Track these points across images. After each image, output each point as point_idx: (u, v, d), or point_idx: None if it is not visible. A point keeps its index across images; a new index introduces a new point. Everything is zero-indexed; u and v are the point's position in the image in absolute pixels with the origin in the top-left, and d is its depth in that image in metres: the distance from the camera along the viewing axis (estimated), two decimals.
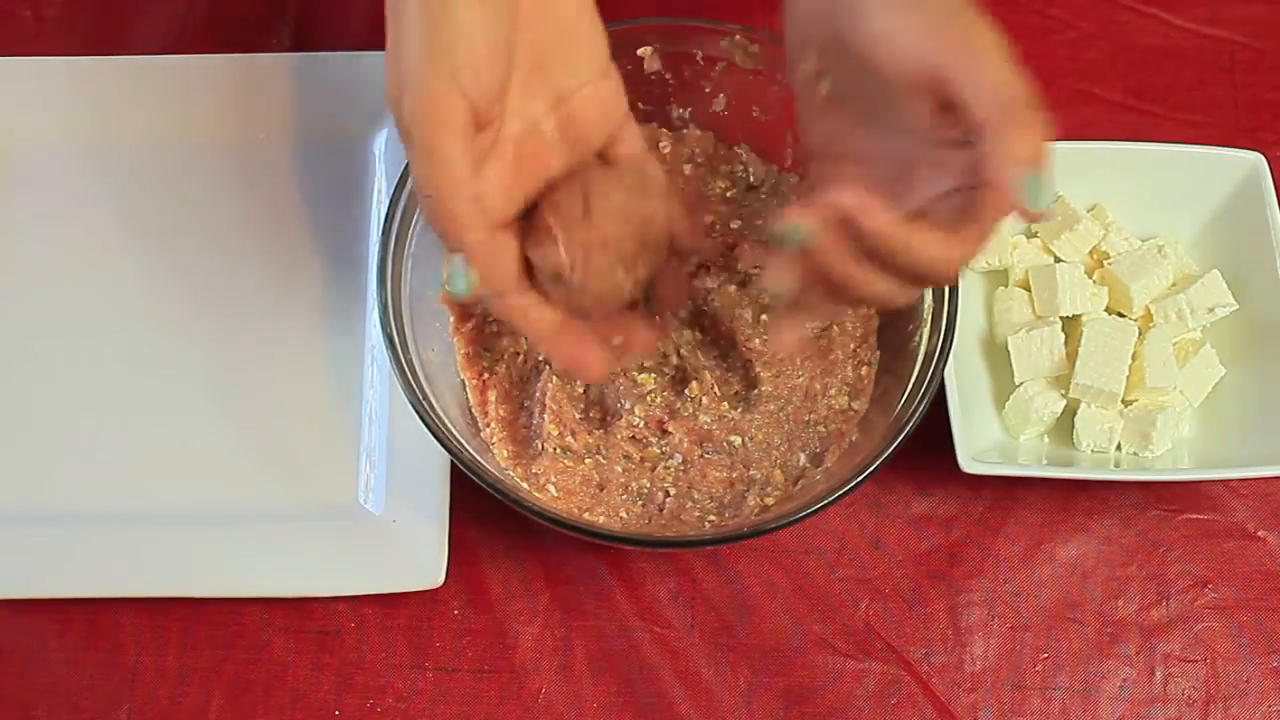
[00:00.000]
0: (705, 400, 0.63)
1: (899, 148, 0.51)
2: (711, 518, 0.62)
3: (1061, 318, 0.67)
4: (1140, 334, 0.67)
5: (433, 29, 0.47)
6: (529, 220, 0.53)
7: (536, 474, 0.62)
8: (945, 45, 0.47)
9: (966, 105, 0.47)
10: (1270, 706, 0.64)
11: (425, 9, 0.47)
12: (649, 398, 0.63)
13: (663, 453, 0.63)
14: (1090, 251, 0.70)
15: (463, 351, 0.65)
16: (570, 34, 0.53)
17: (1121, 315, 0.69)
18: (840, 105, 0.53)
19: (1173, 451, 0.66)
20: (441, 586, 0.63)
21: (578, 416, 0.63)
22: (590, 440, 0.63)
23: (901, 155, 0.51)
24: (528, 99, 0.52)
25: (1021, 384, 0.67)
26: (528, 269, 0.53)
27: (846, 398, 0.64)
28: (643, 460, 0.63)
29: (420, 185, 0.48)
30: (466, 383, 0.65)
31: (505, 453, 0.63)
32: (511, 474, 0.62)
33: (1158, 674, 0.64)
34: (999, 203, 0.47)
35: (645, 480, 0.63)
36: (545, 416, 0.63)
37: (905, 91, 0.49)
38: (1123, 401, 0.66)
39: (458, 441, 0.58)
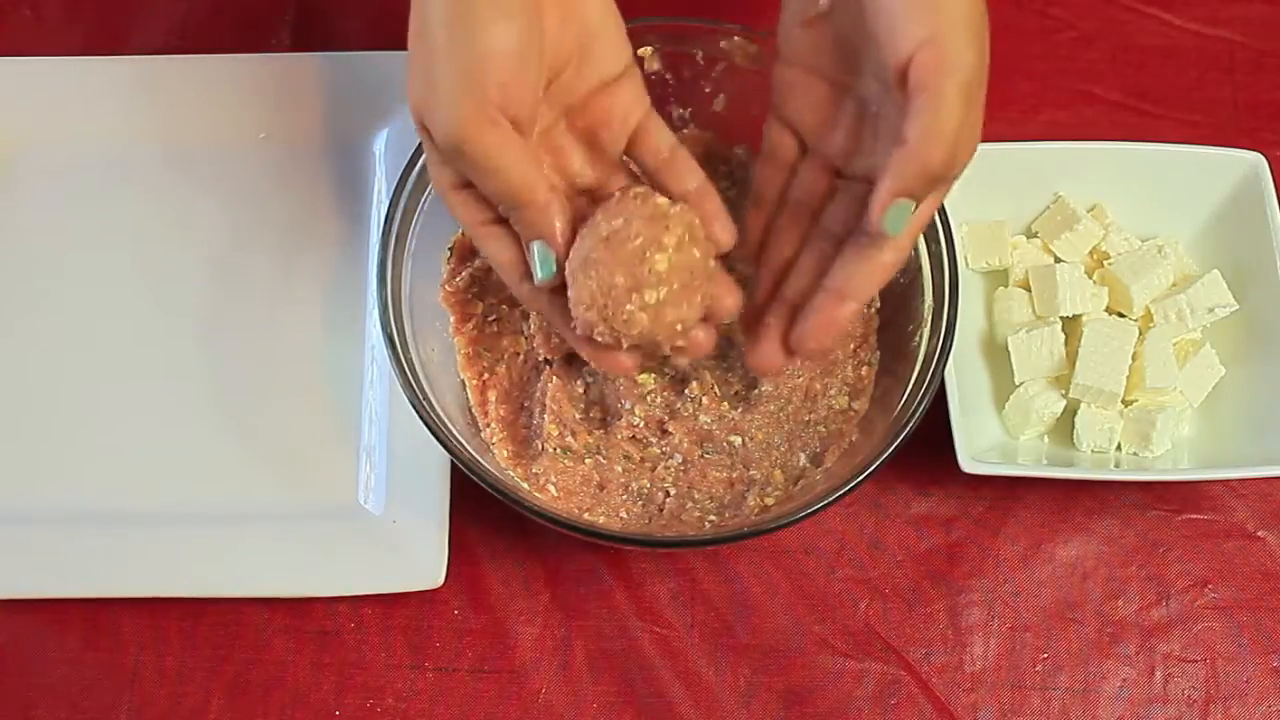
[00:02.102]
0: (705, 400, 0.63)
1: (866, 90, 0.53)
2: (711, 518, 0.62)
3: (1061, 318, 0.67)
4: (1140, 334, 0.67)
5: (464, 50, 0.47)
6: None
7: (536, 474, 0.62)
8: (930, 51, 0.48)
9: (909, 115, 0.48)
10: (1270, 706, 0.64)
11: (452, 31, 0.48)
12: (649, 398, 0.63)
13: (663, 453, 0.63)
14: (1090, 251, 0.70)
15: (463, 351, 0.65)
16: (592, 36, 0.53)
17: (1121, 315, 0.69)
18: (830, 24, 0.53)
19: (1173, 451, 0.66)
20: (441, 586, 0.63)
21: (578, 416, 0.63)
22: (590, 440, 0.63)
23: (863, 101, 0.54)
24: (544, 105, 0.53)
25: (1021, 384, 0.67)
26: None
27: (846, 398, 0.64)
28: (643, 460, 0.63)
29: (496, 195, 0.51)
30: (466, 383, 0.65)
31: (505, 453, 0.63)
32: (511, 474, 0.62)
33: (1158, 674, 0.64)
34: (871, 220, 0.50)
35: (645, 480, 0.63)
36: (545, 416, 0.63)
37: (884, 62, 0.49)
38: (1123, 401, 0.66)
39: (458, 441, 0.58)
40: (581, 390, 0.65)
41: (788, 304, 0.56)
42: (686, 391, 0.63)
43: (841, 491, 0.56)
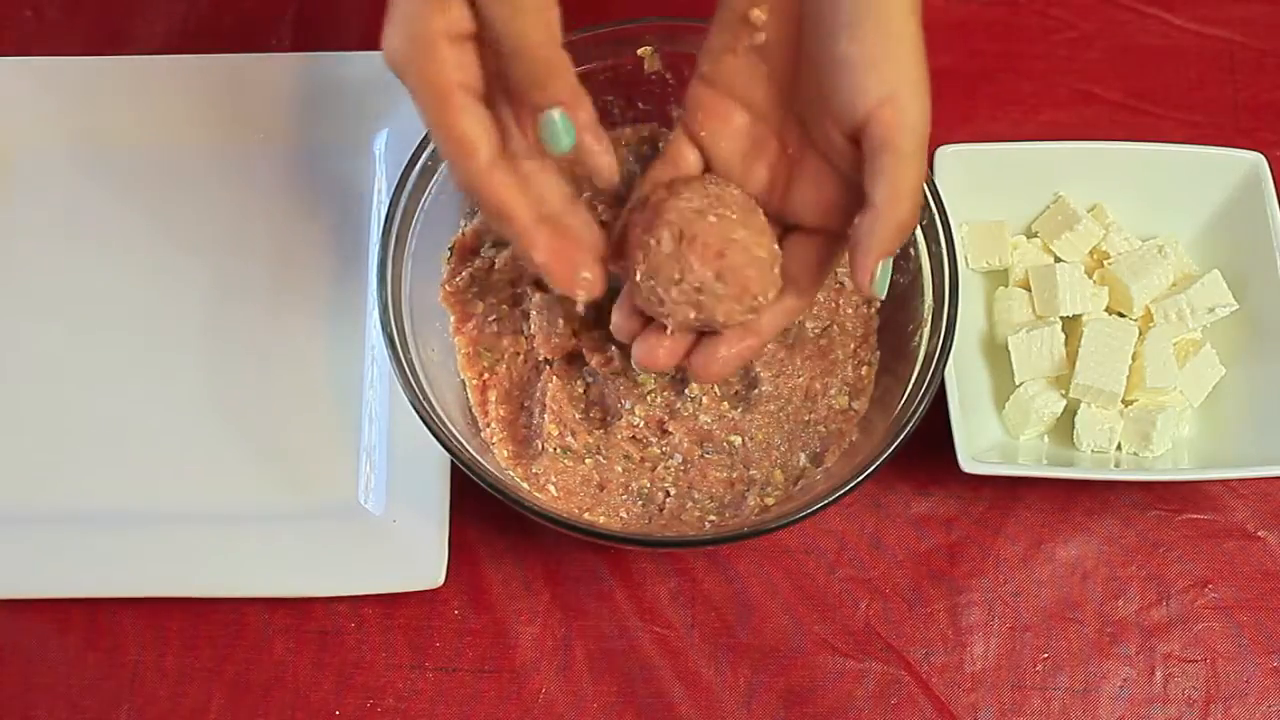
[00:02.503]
0: (705, 400, 0.63)
1: (791, 132, 0.54)
2: (711, 518, 0.62)
3: (1061, 318, 0.67)
4: (1140, 334, 0.67)
5: None
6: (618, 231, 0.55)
7: (536, 474, 0.62)
8: (890, 109, 0.49)
9: (872, 177, 0.49)
10: (1270, 706, 0.64)
11: None
12: (649, 398, 0.63)
13: (663, 453, 0.63)
14: (1090, 251, 0.70)
15: (463, 351, 0.65)
16: None
17: (1121, 315, 0.69)
18: (762, 58, 0.53)
19: (1173, 451, 0.66)
20: (441, 586, 0.63)
21: (578, 416, 0.63)
22: (590, 440, 0.63)
23: (790, 140, 0.54)
24: None
25: (1021, 384, 0.67)
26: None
27: (846, 398, 0.64)
28: (643, 460, 0.63)
29: (517, 44, 0.47)
30: (466, 383, 0.65)
31: (505, 453, 0.63)
32: (511, 474, 0.62)
33: (1158, 674, 0.64)
34: (860, 289, 0.51)
35: (645, 480, 0.63)
36: (545, 416, 0.63)
37: (835, 113, 0.50)
38: (1123, 401, 0.66)
39: (458, 441, 0.58)
40: (581, 390, 0.65)
41: None
42: (686, 391, 0.63)
43: (842, 491, 0.56)
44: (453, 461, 0.59)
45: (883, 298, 0.52)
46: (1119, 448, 0.66)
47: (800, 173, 0.54)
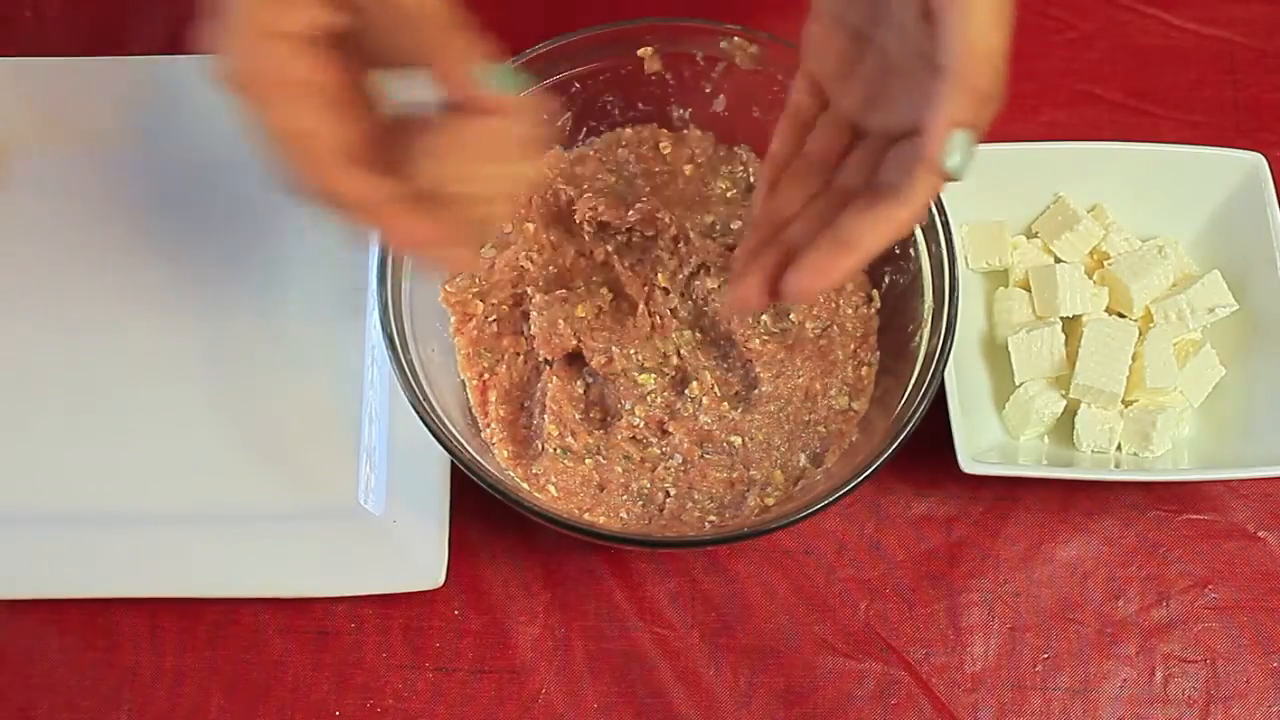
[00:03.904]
0: (705, 400, 0.63)
1: (886, 39, 0.52)
2: (711, 518, 0.62)
3: (1061, 318, 0.67)
4: (1140, 334, 0.67)
5: None
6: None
7: (536, 474, 0.62)
8: None
9: (941, 40, 0.47)
10: (1270, 706, 0.64)
11: None
12: (649, 398, 0.63)
13: (663, 453, 0.63)
14: (1090, 251, 0.70)
15: (463, 351, 0.65)
16: None
17: (1121, 315, 0.69)
18: None
19: (1173, 452, 0.66)
20: (441, 586, 0.63)
21: (578, 417, 0.63)
22: (590, 440, 0.63)
23: (884, 51, 0.52)
24: None
25: (1021, 384, 0.67)
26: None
27: (846, 398, 0.64)
28: (643, 460, 0.63)
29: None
30: (466, 383, 0.65)
31: (505, 453, 0.63)
32: (511, 474, 0.62)
33: (1158, 674, 0.64)
34: (929, 159, 0.47)
35: (645, 480, 0.63)
36: (545, 417, 0.63)
37: None
38: (1123, 402, 0.66)
39: (458, 441, 0.58)
40: (581, 390, 0.65)
41: (784, 246, 0.53)
42: (686, 391, 0.63)
43: (842, 491, 0.56)
44: (453, 462, 0.59)
45: (960, 178, 0.47)
46: (1119, 448, 0.66)
47: (895, 78, 0.52)
